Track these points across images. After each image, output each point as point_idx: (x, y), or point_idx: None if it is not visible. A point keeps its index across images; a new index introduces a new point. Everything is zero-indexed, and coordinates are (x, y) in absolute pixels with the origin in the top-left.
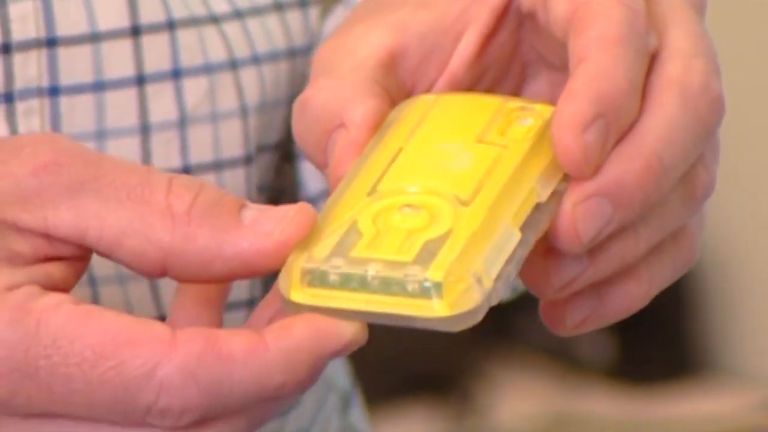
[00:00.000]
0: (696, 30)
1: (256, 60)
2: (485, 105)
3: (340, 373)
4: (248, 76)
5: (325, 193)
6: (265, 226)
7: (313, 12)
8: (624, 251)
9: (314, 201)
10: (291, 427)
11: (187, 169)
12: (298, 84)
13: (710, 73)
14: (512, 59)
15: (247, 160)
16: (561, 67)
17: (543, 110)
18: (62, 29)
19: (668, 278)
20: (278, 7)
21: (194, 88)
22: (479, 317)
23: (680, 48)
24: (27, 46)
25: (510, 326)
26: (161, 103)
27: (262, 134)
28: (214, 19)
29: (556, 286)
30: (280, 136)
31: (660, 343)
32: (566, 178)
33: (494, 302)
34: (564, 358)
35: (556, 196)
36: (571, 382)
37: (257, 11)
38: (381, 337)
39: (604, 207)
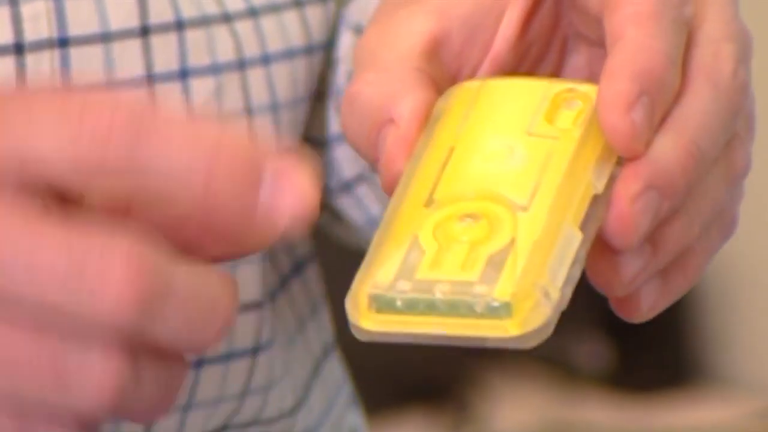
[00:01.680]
0: (728, 13)
1: (265, 60)
2: (530, 90)
3: (338, 381)
4: (255, 76)
5: (360, 177)
6: (276, 214)
7: (332, 6)
8: (682, 235)
9: (350, 185)
10: (299, 427)
11: None
12: (315, 80)
13: (739, 59)
14: (553, 35)
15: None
16: (599, 42)
17: (589, 91)
18: (74, 29)
19: (717, 247)
20: (298, 3)
21: (201, 89)
22: (551, 330)
23: (711, 32)
24: (39, 46)
25: None
26: (169, 103)
27: (276, 134)
28: (227, 18)
29: (626, 282)
30: (299, 134)
31: (657, 351)
32: (619, 161)
33: (564, 307)
34: (561, 366)
35: (611, 182)
36: (568, 390)
37: (275, 8)
38: (378, 345)
39: (654, 199)
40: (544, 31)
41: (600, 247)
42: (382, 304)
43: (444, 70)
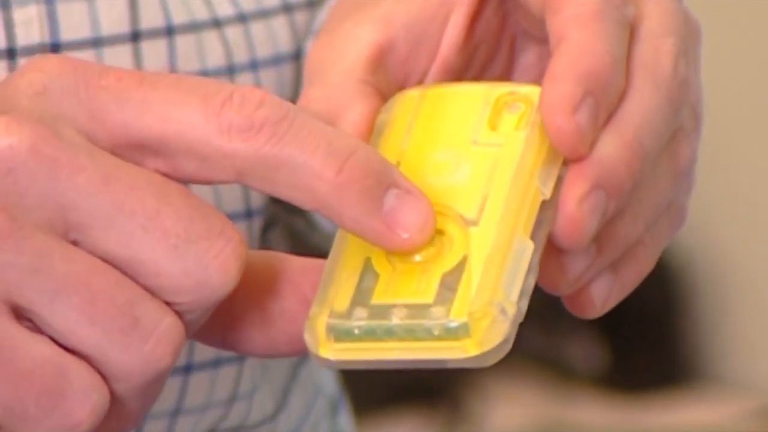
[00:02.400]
0: (668, 7)
1: (254, 66)
2: (471, 96)
3: (327, 379)
4: (244, 82)
5: None
6: (399, 224)
7: (317, 11)
8: (627, 233)
9: None
10: (281, 431)
11: None
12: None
13: (679, 53)
14: (500, 35)
15: None
16: (547, 40)
17: (530, 93)
18: (66, 34)
19: (666, 240)
20: (287, 9)
21: None
22: (509, 345)
23: (651, 28)
24: (31, 50)
25: None
26: None
27: None
28: (216, 24)
29: (571, 281)
30: None
31: (651, 351)
32: (565, 161)
33: (520, 320)
34: (555, 366)
35: (558, 185)
36: (562, 390)
37: (264, 14)
38: None
39: (601, 199)
40: (491, 31)
41: (545, 246)
42: (340, 333)
43: (390, 79)
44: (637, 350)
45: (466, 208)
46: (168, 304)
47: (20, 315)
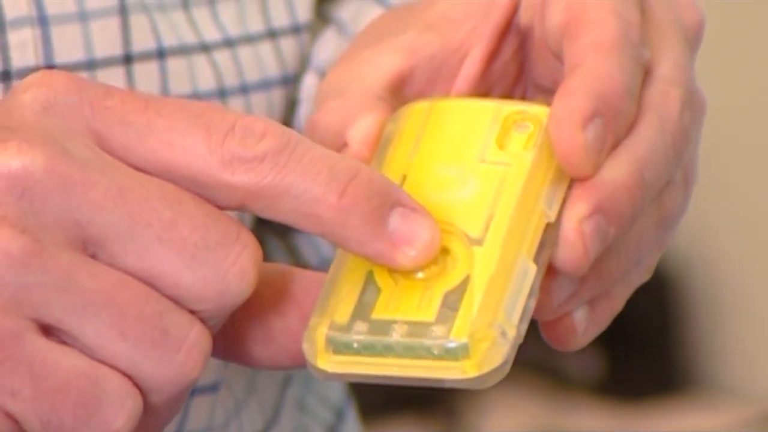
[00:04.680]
0: (681, 60)
1: (244, 89)
2: (480, 112)
3: (333, 388)
4: (235, 105)
5: None
6: (405, 242)
7: (306, 38)
8: (611, 270)
9: None
10: None
11: None
12: (291, 111)
13: (685, 104)
14: (515, 83)
15: None
16: (553, 90)
17: (540, 113)
18: (60, 56)
19: (633, 288)
20: (272, 35)
21: None
22: (508, 368)
23: (663, 74)
24: (26, 73)
25: None
26: None
27: None
28: (205, 48)
29: (555, 307)
30: None
31: (647, 359)
32: (571, 184)
33: (520, 342)
34: (551, 374)
35: (563, 207)
36: (558, 398)
37: (249, 39)
38: None
39: (602, 223)
40: (507, 75)
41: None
42: (339, 346)
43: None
44: (634, 358)
45: (471, 227)
46: (191, 312)
47: (49, 332)
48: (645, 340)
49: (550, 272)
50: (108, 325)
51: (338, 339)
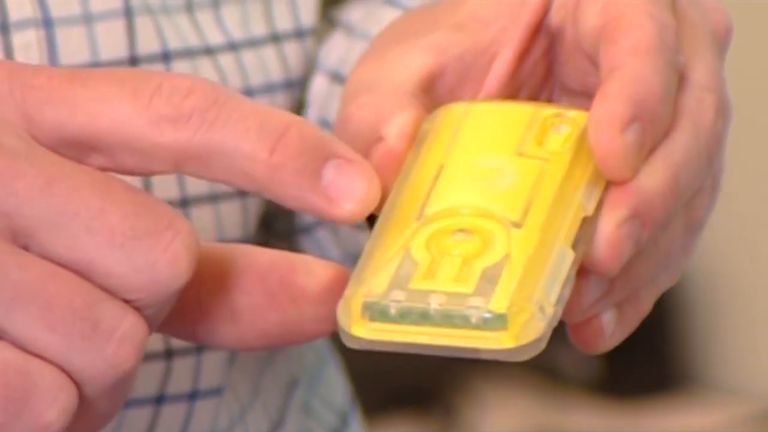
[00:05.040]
0: (713, 66)
1: (248, 93)
2: (519, 113)
3: (338, 392)
4: None
5: (321, 221)
6: (341, 195)
7: (310, 42)
8: (640, 273)
9: (309, 228)
10: None
11: (185, 201)
12: (299, 113)
13: (718, 111)
14: (543, 83)
15: (244, 192)
16: (581, 92)
17: (577, 117)
18: (64, 59)
19: (661, 291)
20: (275, 39)
21: None
22: (543, 345)
23: (698, 79)
24: None
25: None
26: None
27: None
28: (209, 51)
29: (584, 308)
30: None
31: (644, 357)
32: (607, 187)
33: (554, 325)
34: (548, 372)
35: (599, 207)
36: (554, 396)
37: (252, 43)
38: (362, 351)
39: (637, 227)
40: (536, 76)
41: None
42: (375, 312)
43: (436, 105)
44: (630, 356)
45: (510, 211)
46: (126, 301)
47: None
48: (641, 339)
49: (580, 273)
50: (37, 318)
51: (375, 305)
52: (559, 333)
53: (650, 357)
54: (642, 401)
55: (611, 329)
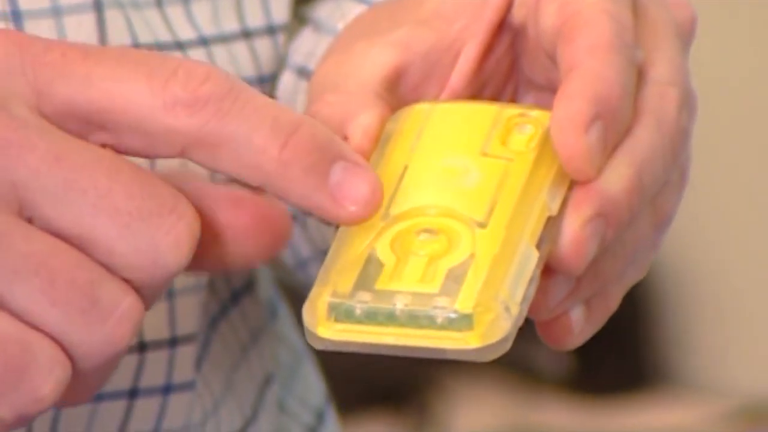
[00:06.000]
0: (675, 60)
1: None
2: (482, 113)
3: (313, 390)
4: None
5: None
6: (346, 197)
7: (281, 38)
8: (607, 270)
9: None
10: None
11: None
12: None
13: (682, 105)
14: (507, 79)
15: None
16: (546, 87)
17: (541, 117)
18: None
19: (628, 287)
20: (246, 35)
21: None
22: (508, 345)
23: (659, 74)
24: None
25: None
26: None
27: None
28: (179, 46)
29: (551, 306)
30: None
31: (617, 355)
32: (571, 186)
33: (520, 324)
34: (521, 369)
35: (563, 206)
36: (528, 393)
37: (223, 39)
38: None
39: (601, 226)
40: (500, 72)
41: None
42: (341, 313)
43: (401, 102)
44: (603, 353)
45: (475, 211)
46: (126, 281)
47: None
48: (615, 336)
49: (546, 272)
50: (38, 291)
51: (340, 306)
52: (532, 331)
53: (623, 354)
54: (615, 398)
55: (580, 326)
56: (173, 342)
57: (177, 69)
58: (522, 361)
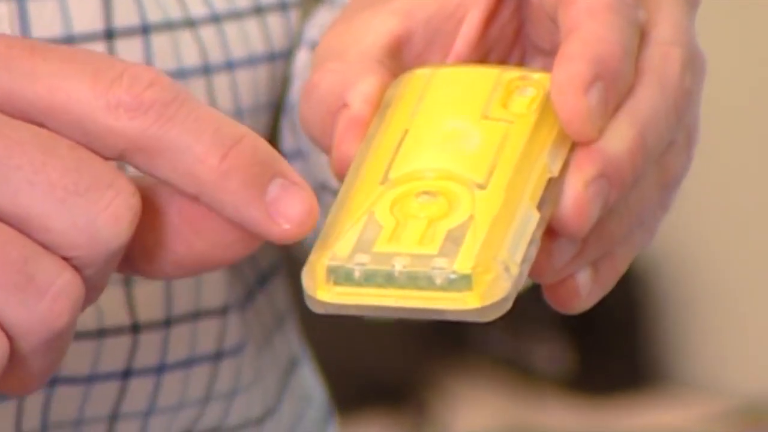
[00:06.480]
0: (680, 19)
1: (229, 66)
2: (483, 76)
3: (318, 391)
4: (220, 82)
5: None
6: (280, 214)
7: (294, 15)
8: (612, 232)
9: None
10: None
11: None
12: (278, 88)
13: (685, 65)
14: (513, 44)
15: None
16: (552, 52)
17: (542, 79)
18: (37, 31)
19: (635, 252)
20: (258, 11)
21: None
22: (509, 305)
23: (662, 35)
24: None
25: (466, 337)
26: None
27: None
28: (190, 23)
29: (557, 269)
30: None
31: (616, 354)
32: (573, 147)
33: (520, 286)
34: (520, 369)
35: (565, 168)
36: (527, 393)
37: (236, 15)
38: (335, 347)
39: (604, 187)
40: (505, 37)
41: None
42: (339, 276)
43: (403, 69)
44: (603, 353)
45: (475, 173)
46: (66, 259)
47: None
48: (614, 335)
49: (550, 234)
50: None
51: (339, 269)
52: (532, 330)
53: (623, 354)
54: (615, 398)
55: (587, 289)
56: (168, 322)
57: (123, 72)
58: (521, 361)
